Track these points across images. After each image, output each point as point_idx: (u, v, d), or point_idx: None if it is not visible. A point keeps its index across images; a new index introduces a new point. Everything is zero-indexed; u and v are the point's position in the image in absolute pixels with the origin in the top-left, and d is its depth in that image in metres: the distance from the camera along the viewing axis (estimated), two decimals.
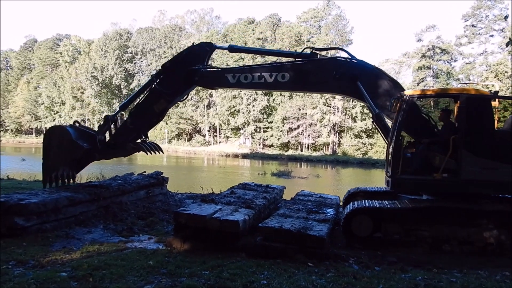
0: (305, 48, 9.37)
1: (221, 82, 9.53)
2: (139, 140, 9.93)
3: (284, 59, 9.84)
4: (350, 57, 8.87)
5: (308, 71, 8.82)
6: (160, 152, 10.24)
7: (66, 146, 9.48)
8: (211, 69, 9.76)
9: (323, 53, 9.35)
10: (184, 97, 10.27)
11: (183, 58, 9.62)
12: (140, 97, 9.94)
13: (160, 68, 9.85)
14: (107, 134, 10.04)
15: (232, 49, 10.14)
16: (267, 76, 8.87)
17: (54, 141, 9.70)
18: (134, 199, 10.40)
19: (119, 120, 10.08)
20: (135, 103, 10.26)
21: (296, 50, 9.48)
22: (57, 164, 9.53)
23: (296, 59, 9.15)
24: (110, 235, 7.98)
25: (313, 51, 9.19)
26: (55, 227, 7.82)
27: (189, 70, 9.35)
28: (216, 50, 10.22)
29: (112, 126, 10.01)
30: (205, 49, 9.76)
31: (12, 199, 7.52)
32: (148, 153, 9.77)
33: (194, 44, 9.89)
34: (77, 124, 10.12)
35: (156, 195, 11.52)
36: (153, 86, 9.62)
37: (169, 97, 9.56)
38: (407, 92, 7.99)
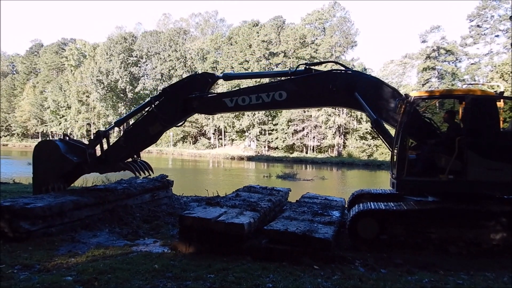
0: (299, 65, 9.36)
1: (220, 107, 9.53)
2: (130, 159, 9.99)
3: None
4: (345, 69, 8.89)
5: (304, 87, 8.83)
6: (150, 172, 10.30)
7: (55, 160, 9.53)
8: (209, 95, 9.71)
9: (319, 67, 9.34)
10: (181, 123, 10.33)
11: (184, 85, 9.67)
12: (137, 117, 9.98)
13: (161, 90, 9.89)
14: (98, 148, 10.09)
15: (226, 77, 10.15)
16: (265, 96, 8.87)
17: (44, 155, 9.73)
18: (139, 202, 10.42)
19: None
20: (131, 121, 10.28)
21: (290, 69, 9.45)
22: (47, 177, 9.57)
23: (291, 77, 9.16)
24: (115, 238, 8.00)
25: (307, 67, 9.19)
26: (61, 231, 7.84)
27: (187, 97, 9.36)
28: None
29: (104, 140, 10.05)
30: (207, 79, 9.78)
31: (18, 203, 7.55)
32: (137, 173, 9.81)
33: (197, 73, 9.95)
34: (67, 138, 10.19)
35: (161, 198, 11.54)
36: (151, 108, 9.62)
37: (165, 122, 9.58)
38: (413, 94, 7.96)
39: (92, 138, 10.30)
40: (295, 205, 9.18)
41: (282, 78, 9.40)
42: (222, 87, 57.35)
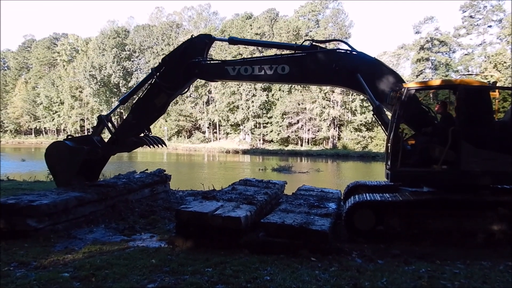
0: (305, 40, 9.29)
1: (221, 74, 9.50)
2: (142, 135, 10.02)
3: (285, 51, 9.72)
4: (350, 49, 8.82)
5: (308, 64, 8.76)
6: (164, 146, 10.40)
7: (68, 156, 9.52)
8: (212, 62, 9.75)
9: (323, 45, 9.28)
10: (185, 90, 10.29)
11: (183, 51, 9.57)
12: (141, 92, 9.98)
13: (160, 61, 9.83)
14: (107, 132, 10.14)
15: (233, 41, 10.14)
16: (267, 69, 8.87)
17: (56, 157, 9.67)
18: (139, 197, 10.42)
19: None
20: (135, 98, 10.31)
21: (296, 43, 9.37)
22: (68, 176, 9.47)
23: (296, 52, 9.08)
24: (112, 234, 7.97)
25: (313, 43, 9.10)
26: (66, 227, 7.77)
27: (189, 63, 9.35)
28: (214, 45, 10.23)
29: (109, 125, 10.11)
30: (204, 41, 9.73)
31: (22, 200, 7.41)
32: (152, 146, 9.88)
33: (193, 36, 9.87)
34: (70, 137, 10.26)
35: (159, 193, 11.51)
36: (153, 80, 9.64)
37: (169, 91, 9.56)
38: (406, 85, 7.95)
39: (94, 126, 10.32)
40: (291, 198, 9.18)
41: (287, 52, 9.35)
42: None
